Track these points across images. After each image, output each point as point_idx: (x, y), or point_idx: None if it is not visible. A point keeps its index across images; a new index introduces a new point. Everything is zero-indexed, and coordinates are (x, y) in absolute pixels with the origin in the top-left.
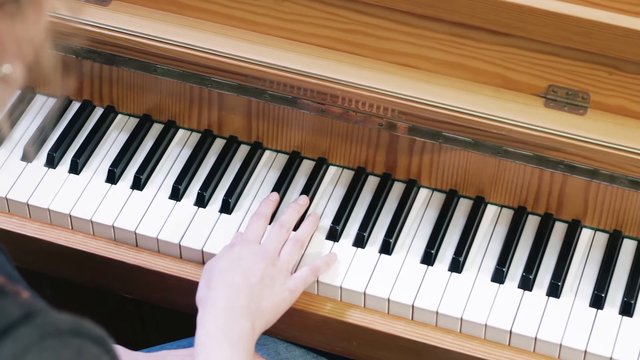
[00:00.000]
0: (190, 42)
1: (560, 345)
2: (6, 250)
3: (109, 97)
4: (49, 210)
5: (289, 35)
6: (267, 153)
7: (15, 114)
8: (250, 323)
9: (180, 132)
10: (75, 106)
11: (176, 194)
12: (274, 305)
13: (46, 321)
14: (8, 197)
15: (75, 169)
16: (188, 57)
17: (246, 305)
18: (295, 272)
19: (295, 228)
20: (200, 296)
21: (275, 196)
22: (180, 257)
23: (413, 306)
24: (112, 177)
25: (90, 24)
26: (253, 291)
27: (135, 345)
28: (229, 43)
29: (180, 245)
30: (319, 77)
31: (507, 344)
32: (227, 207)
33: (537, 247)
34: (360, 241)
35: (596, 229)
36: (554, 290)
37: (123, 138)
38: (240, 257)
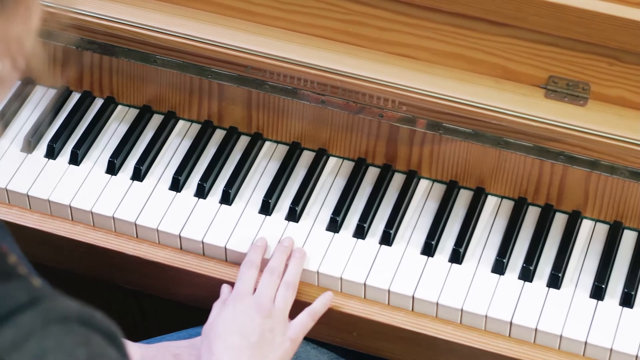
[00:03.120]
0: (190, 32)
1: (561, 336)
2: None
3: (109, 88)
4: (49, 201)
5: (288, 26)
6: (267, 144)
7: (15, 105)
8: None
9: (181, 123)
10: (75, 97)
11: (176, 185)
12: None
13: (52, 307)
14: (8, 188)
15: (75, 160)
16: (187, 47)
17: None
18: (293, 318)
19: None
20: None
21: (263, 241)
22: (181, 248)
23: (413, 297)
24: (112, 168)
25: (90, 14)
26: (254, 351)
27: (135, 336)
28: (228, 33)
29: (180, 237)
30: (319, 67)
31: (508, 335)
32: (227, 198)
33: (537, 238)
34: (360, 232)
35: (596, 220)
36: (555, 281)
37: (123, 129)
38: (235, 315)
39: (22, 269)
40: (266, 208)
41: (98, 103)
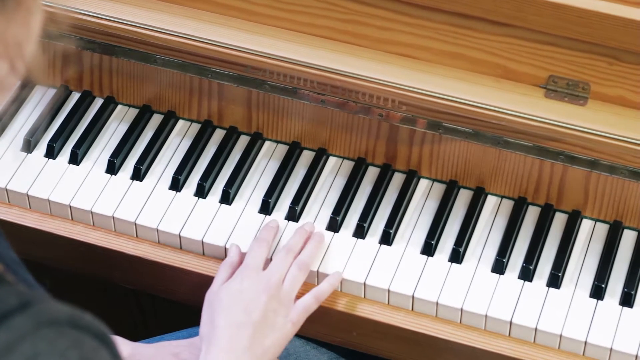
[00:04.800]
0: (190, 32)
1: (561, 335)
2: (4, 235)
3: (108, 87)
4: (48, 200)
5: (288, 26)
6: (267, 143)
7: (15, 105)
8: None
9: (180, 122)
10: (75, 97)
11: (176, 185)
12: (276, 341)
13: (43, 310)
14: (8, 187)
15: (75, 159)
16: (187, 47)
17: (249, 346)
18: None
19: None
20: (204, 332)
21: (276, 223)
22: (180, 248)
23: (413, 297)
24: (112, 168)
25: (90, 14)
26: (256, 330)
27: (134, 335)
28: (228, 33)
29: (180, 236)
30: (319, 67)
31: (507, 334)
32: (227, 198)
33: (537, 237)
34: (360, 232)
35: (596, 220)
36: (554, 280)
37: (123, 128)
38: (242, 290)
39: (10, 277)
40: (266, 208)
41: (98, 103)
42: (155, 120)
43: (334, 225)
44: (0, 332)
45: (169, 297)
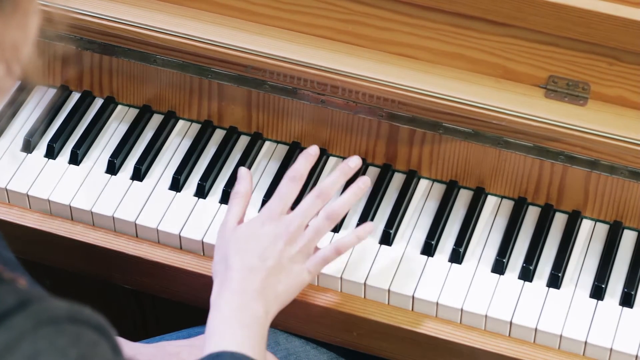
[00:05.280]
0: (190, 32)
1: (561, 336)
2: (2, 235)
3: (108, 87)
4: (49, 201)
5: (288, 26)
6: (267, 144)
7: (15, 105)
8: (264, 308)
9: (180, 122)
10: (75, 97)
11: (176, 185)
12: (290, 288)
13: (42, 309)
14: (8, 187)
15: (75, 159)
16: (187, 47)
17: (260, 289)
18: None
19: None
20: (216, 269)
21: (315, 149)
22: (181, 248)
23: (413, 297)
24: (112, 168)
25: (90, 14)
26: (269, 274)
27: (134, 336)
28: (228, 33)
29: (180, 236)
30: (319, 67)
31: (507, 334)
32: (227, 198)
33: (537, 238)
34: None
35: (596, 220)
36: (554, 281)
37: (123, 129)
38: (261, 235)
39: (7, 274)
40: None
41: (98, 103)
42: (155, 120)
43: (335, 226)
44: (1, 331)
45: (169, 297)
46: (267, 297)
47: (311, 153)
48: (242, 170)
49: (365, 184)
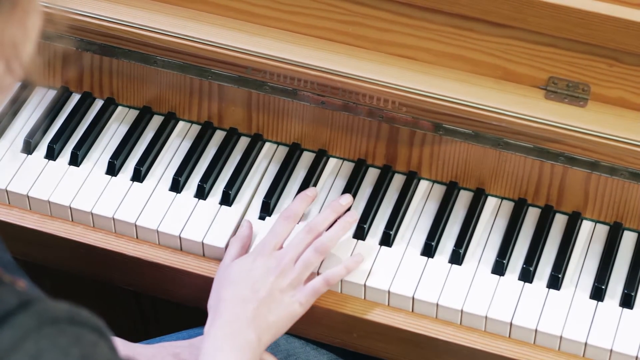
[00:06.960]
0: (190, 33)
1: (561, 337)
2: (1, 238)
3: (109, 89)
4: (49, 202)
5: (289, 27)
6: (267, 145)
7: (15, 106)
8: (256, 335)
9: (181, 124)
10: (75, 98)
11: (176, 186)
12: (281, 319)
13: (43, 309)
14: (8, 189)
15: (75, 161)
16: (187, 48)
17: (252, 318)
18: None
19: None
20: (211, 304)
21: (313, 192)
22: (181, 249)
23: (413, 298)
24: (112, 169)
25: (90, 15)
26: (261, 305)
27: (134, 337)
28: (228, 34)
29: (180, 237)
30: (319, 68)
31: (508, 336)
32: (227, 199)
33: (537, 239)
34: (360, 233)
35: (596, 221)
36: (555, 282)
37: (123, 130)
38: (252, 268)
39: (7, 277)
40: (266, 209)
41: (98, 104)
42: (156, 121)
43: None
44: (5, 331)
45: (169, 298)
46: (259, 326)
47: (309, 194)
48: (245, 221)
49: (352, 217)
